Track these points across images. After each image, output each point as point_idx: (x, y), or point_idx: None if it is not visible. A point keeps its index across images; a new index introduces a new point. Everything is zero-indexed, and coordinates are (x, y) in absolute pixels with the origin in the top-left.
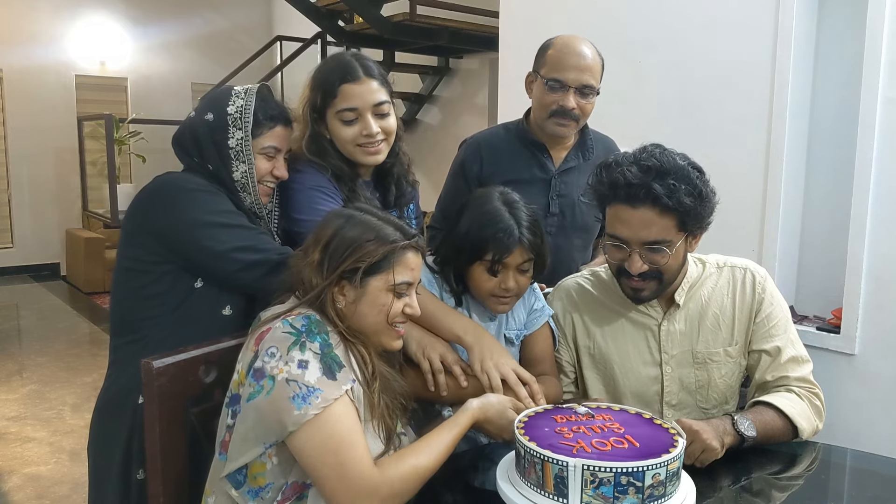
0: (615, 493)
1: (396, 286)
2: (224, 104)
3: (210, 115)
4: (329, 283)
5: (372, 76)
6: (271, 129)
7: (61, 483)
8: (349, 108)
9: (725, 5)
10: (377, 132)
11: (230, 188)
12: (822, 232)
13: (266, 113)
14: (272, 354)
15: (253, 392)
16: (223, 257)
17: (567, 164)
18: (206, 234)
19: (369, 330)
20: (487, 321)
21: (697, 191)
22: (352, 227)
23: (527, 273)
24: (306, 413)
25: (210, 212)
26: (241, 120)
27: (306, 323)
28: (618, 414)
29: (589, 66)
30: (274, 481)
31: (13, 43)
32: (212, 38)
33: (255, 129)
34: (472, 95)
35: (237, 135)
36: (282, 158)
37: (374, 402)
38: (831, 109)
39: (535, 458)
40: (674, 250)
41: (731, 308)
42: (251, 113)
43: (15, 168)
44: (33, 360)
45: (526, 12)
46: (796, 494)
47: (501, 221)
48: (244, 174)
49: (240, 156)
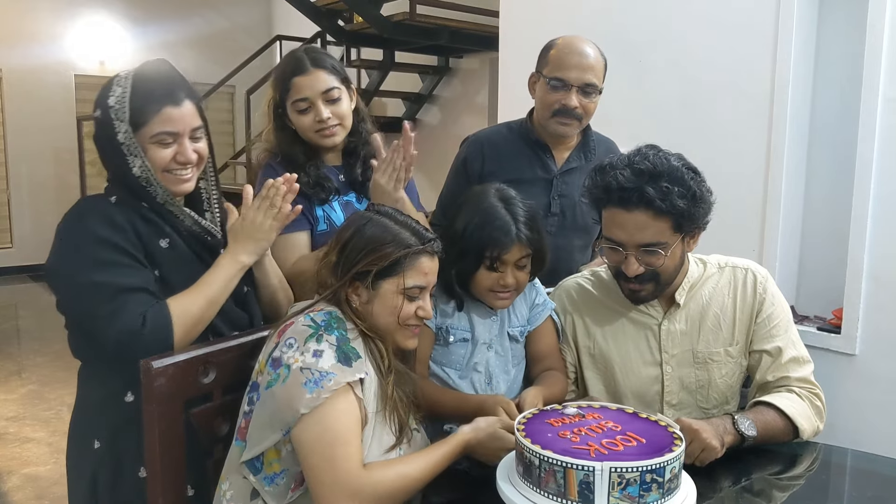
0: (640, 492)
1: (407, 290)
2: (106, 97)
3: (98, 112)
4: (342, 283)
5: (320, 66)
6: (157, 113)
7: (61, 483)
8: (301, 98)
9: (725, 5)
10: (328, 117)
11: (134, 187)
12: (823, 232)
13: (147, 97)
14: (290, 345)
15: (271, 380)
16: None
17: (569, 164)
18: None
19: (383, 329)
20: (488, 319)
21: (691, 192)
22: (369, 230)
23: (525, 269)
24: (318, 397)
25: (79, 265)
26: (121, 111)
27: (327, 318)
28: (604, 412)
29: (591, 65)
30: (288, 468)
31: (13, 43)
32: (212, 38)
33: (137, 117)
34: (472, 95)
35: (122, 127)
36: (185, 141)
37: (389, 393)
38: (832, 109)
39: (556, 466)
40: (669, 252)
41: (731, 308)
42: (127, 102)
43: (14, 168)
44: (32, 361)
45: (526, 12)
46: (797, 494)
47: (498, 219)
48: (142, 168)
49: (131, 149)
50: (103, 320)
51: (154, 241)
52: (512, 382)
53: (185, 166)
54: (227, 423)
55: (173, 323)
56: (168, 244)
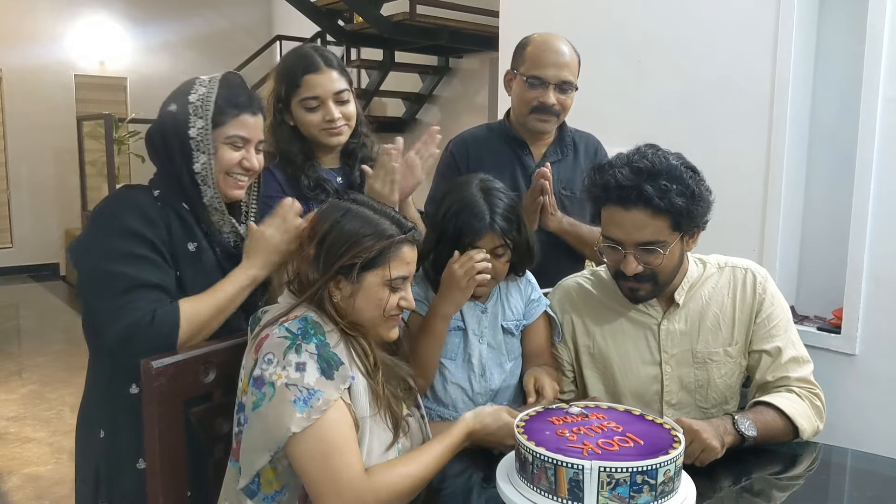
0: (630, 493)
1: (392, 281)
2: (187, 93)
3: (174, 106)
4: (326, 279)
5: (332, 66)
6: (235, 117)
7: (61, 483)
8: (312, 96)
9: (725, 5)
10: (338, 117)
11: (185, 185)
12: (823, 232)
13: (230, 101)
14: (269, 361)
15: (256, 400)
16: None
17: (546, 159)
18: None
19: (367, 323)
20: (479, 313)
21: (690, 191)
22: (348, 222)
23: (503, 258)
24: (309, 417)
25: (106, 256)
26: (203, 108)
27: (302, 325)
28: (610, 412)
29: (567, 63)
30: (288, 482)
31: (13, 43)
32: (212, 38)
33: (218, 117)
34: (472, 95)
35: (198, 123)
36: (252, 150)
37: (379, 392)
38: (832, 109)
39: (547, 464)
40: (668, 251)
41: (731, 308)
42: (213, 101)
43: (14, 168)
44: (33, 361)
45: (526, 12)
46: (797, 495)
47: (475, 207)
48: (205, 165)
49: (200, 146)
50: (112, 312)
51: (183, 243)
52: (508, 377)
53: (248, 172)
54: (227, 423)
55: (181, 323)
56: (195, 248)
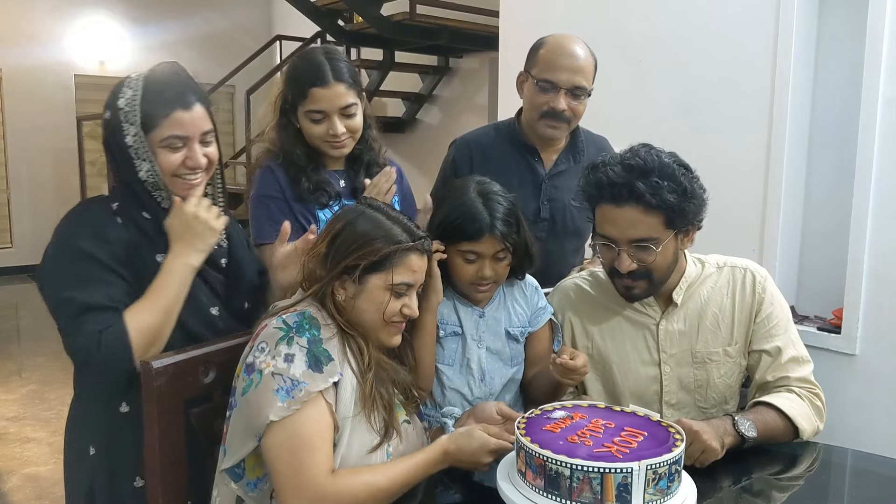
0: (668, 484)
1: (395, 286)
2: (116, 99)
3: (108, 113)
4: (331, 277)
5: (340, 80)
6: (167, 117)
7: (61, 483)
8: (317, 110)
9: (725, 5)
10: (343, 132)
11: (139, 192)
12: (823, 232)
13: (158, 100)
14: (262, 349)
15: (245, 386)
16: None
17: (557, 167)
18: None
19: (367, 326)
20: (477, 317)
21: (682, 188)
22: (361, 224)
23: (504, 261)
24: (289, 407)
25: (59, 278)
26: (132, 114)
27: (299, 319)
28: (590, 410)
29: (581, 67)
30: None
31: (13, 43)
32: (212, 38)
33: (148, 120)
34: (472, 95)
35: (131, 131)
36: (195, 145)
37: (367, 392)
38: (832, 109)
39: (592, 474)
40: (661, 248)
41: (730, 308)
42: (138, 104)
43: (14, 168)
44: (32, 361)
45: (526, 12)
46: (797, 495)
47: (474, 211)
48: (150, 172)
49: (139, 153)
50: (67, 336)
51: (150, 256)
52: (508, 382)
53: (195, 171)
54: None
55: (132, 341)
56: (165, 259)
